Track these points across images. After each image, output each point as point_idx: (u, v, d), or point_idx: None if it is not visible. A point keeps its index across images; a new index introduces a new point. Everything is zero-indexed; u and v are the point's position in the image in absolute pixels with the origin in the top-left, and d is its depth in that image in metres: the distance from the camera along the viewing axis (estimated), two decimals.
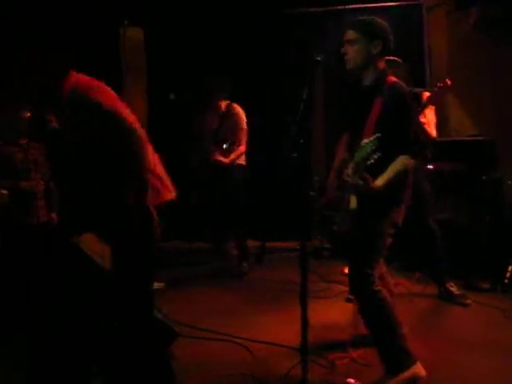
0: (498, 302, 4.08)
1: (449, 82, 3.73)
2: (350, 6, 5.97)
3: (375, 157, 2.60)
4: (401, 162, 2.72)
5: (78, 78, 2.41)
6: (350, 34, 2.81)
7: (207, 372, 3.15)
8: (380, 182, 2.69)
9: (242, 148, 5.09)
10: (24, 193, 4.43)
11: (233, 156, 5.05)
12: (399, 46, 3.06)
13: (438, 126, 5.80)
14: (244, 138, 5.09)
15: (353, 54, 2.80)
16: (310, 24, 6.17)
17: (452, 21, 5.70)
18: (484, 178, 4.58)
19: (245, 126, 5.09)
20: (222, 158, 5.01)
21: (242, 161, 5.17)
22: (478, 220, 4.57)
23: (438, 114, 5.79)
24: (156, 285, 4.72)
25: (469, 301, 4.08)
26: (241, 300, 4.45)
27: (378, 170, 2.70)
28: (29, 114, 4.56)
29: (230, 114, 5.12)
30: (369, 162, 2.63)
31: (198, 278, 5.16)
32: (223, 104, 5.17)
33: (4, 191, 4.04)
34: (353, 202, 2.79)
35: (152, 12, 6.16)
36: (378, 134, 2.58)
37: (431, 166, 4.76)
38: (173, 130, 6.16)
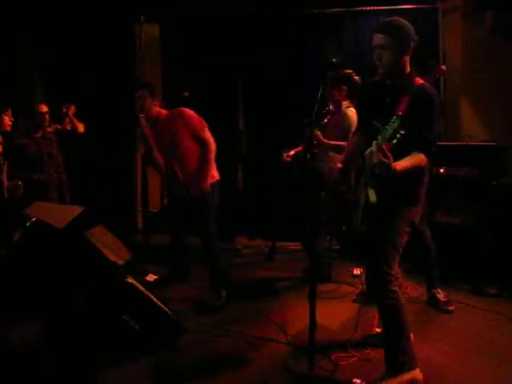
0: (504, 307, 4.07)
1: (443, 68, 3.66)
2: (367, 8, 5.97)
3: (399, 135, 2.51)
4: (419, 157, 2.69)
5: None
6: (382, 39, 2.73)
7: (213, 367, 3.18)
8: (399, 166, 2.60)
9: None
10: (37, 184, 4.50)
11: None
12: (415, 48, 3.06)
13: (451, 130, 5.84)
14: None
15: (387, 58, 2.75)
16: (325, 25, 6.18)
17: (467, 25, 5.68)
18: (495, 183, 4.57)
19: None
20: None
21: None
22: (487, 225, 4.57)
23: (450, 118, 5.83)
24: (150, 277, 4.75)
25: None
26: (249, 298, 4.46)
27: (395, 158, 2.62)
28: (45, 109, 4.63)
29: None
30: (395, 141, 2.53)
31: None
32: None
33: (19, 182, 4.10)
34: (372, 195, 2.75)
35: (168, 9, 6.19)
36: (400, 114, 2.57)
37: (442, 170, 4.77)
38: None
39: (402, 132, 2.53)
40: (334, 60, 2.91)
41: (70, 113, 5.07)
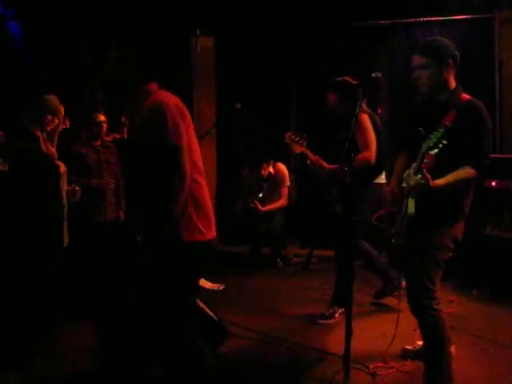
0: None
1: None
2: (420, 19, 5.92)
3: (441, 145, 2.56)
4: (465, 172, 2.70)
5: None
6: (421, 59, 2.82)
7: (252, 372, 3.29)
8: (440, 181, 2.65)
9: (284, 202, 5.96)
10: (95, 190, 4.73)
11: (272, 207, 5.88)
12: (469, 58, 3.05)
13: (508, 141, 5.68)
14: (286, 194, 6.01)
15: (426, 78, 2.82)
16: (377, 37, 6.17)
17: None
18: None
19: (288, 183, 6.02)
20: (259, 206, 5.81)
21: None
22: None
23: (508, 128, 5.69)
24: (216, 286, 5.03)
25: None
26: (289, 305, 4.52)
27: (439, 170, 2.66)
28: (102, 118, 4.87)
29: (275, 175, 6.00)
30: (434, 151, 2.58)
31: (253, 281, 5.34)
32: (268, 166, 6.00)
33: (77, 188, 4.31)
34: (411, 206, 2.74)
35: (223, 22, 6.36)
36: (446, 123, 2.60)
37: (494, 183, 4.67)
38: (239, 138, 6.64)
39: (445, 142, 2.57)
40: (373, 75, 2.91)
41: (128, 123, 5.27)
